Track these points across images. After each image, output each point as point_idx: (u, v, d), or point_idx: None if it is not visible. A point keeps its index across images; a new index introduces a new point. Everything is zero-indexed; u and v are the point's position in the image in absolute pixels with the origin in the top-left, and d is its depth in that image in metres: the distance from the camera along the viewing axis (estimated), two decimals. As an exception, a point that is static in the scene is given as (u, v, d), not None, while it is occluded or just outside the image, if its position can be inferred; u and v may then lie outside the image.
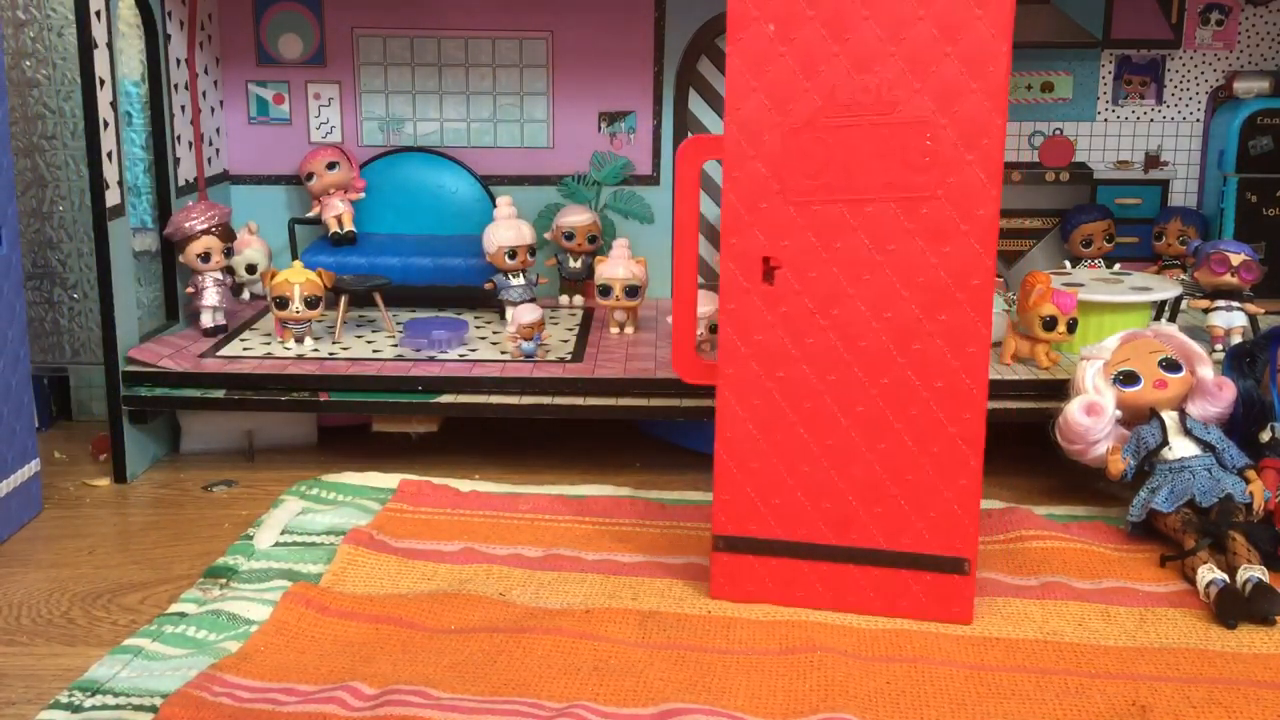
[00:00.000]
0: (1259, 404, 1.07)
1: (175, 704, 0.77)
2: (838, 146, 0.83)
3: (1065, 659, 0.85)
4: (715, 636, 0.88)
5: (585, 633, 0.87)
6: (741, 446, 0.89)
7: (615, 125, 1.54)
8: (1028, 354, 1.22)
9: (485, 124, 1.54)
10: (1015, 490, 1.18)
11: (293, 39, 1.52)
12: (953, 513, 0.87)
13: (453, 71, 1.53)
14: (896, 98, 0.82)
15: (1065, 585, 0.95)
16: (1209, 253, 1.29)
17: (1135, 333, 1.12)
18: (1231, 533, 0.95)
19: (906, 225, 0.84)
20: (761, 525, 0.90)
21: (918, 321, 0.85)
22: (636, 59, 1.51)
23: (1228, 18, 1.53)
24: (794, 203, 0.85)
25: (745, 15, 0.83)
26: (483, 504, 1.13)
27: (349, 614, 0.90)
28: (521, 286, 1.36)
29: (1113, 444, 1.07)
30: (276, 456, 1.30)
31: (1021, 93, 1.55)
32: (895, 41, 0.81)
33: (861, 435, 0.88)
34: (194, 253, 1.30)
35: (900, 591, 0.90)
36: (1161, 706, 0.78)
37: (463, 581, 0.96)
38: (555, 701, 0.78)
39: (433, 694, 0.79)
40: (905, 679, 0.82)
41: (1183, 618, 0.91)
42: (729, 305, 0.87)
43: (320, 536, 1.06)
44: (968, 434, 0.86)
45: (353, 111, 1.54)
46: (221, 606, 0.92)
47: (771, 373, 0.88)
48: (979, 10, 0.80)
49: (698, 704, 0.78)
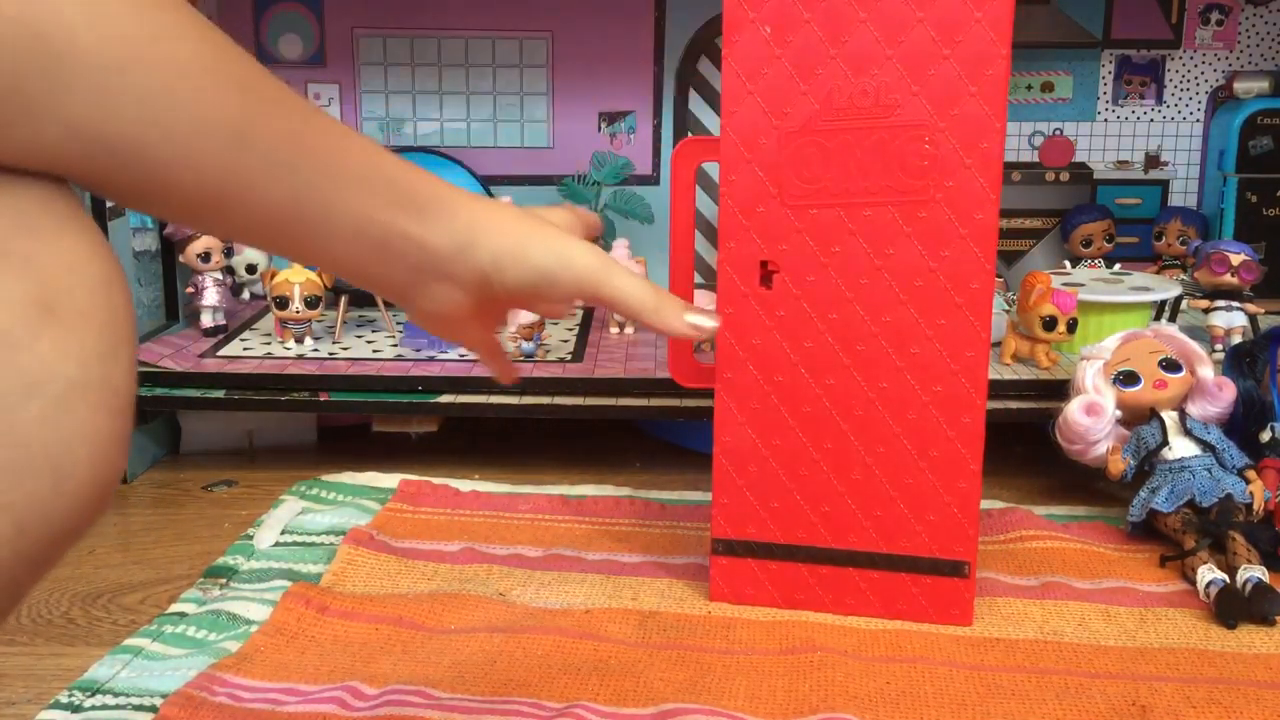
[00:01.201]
0: (1259, 404, 1.07)
1: (175, 704, 0.77)
2: (835, 150, 0.83)
3: (1065, 659, 0.85)
4: (715, 637, 0.88)
5: (585, 633, 0.87)
6: (740, 450, 0.89)
7: (615, 125, 1.54)
8: (1027, 354, 1.22)
9: (485, 124, 1.54)
10: (1015, 490, 1.18)
11: (293, 39, 1.52)
12: (952, 516, 0.88)
13: (453, 72, 1.53)
14: (894, 101, 0.82)
15: (1065, 585, 0.95)
16: (1209, 253, 1.29)
17: (1135, 333, 1.12)
18: (1231, 533, 0.95)
19: (905, 229, 0.84)
20: (760, 529, 0.90)
21: (916, 325, 0.85)
22: (636, 59, 1.52)
23: (1228, 18, 1.53)
24: (791, 207, 0.85)
25: (740, 18, 0.83)
26: (483, 504, 1.13)
27: (349, 614, 0.90)
28: (521, 286, 1.36)
29: (1113, 444, 1.07)
30: (276, 456, 1.30)
31: (1021, 93, 1.55)
32: (893, 44, 0.81)
33: (860, 439, 0.88)
34: (194, 252, 1.31)
35: (900, 594, 0.90)
36: (1161, 706, 0.78)
37: (463, 581, 0.96)
38: (555, 701, 0.78)
39: (433, 694, 0.79)
40: (905, 679, 0.82)
41: (1183, 618, 0.91)
42: (726, 309, 0.87)
43: (320, 536, 1.06)
44: (967, 437, 0.86)
45: (353, 111, 1.54)
46: (221, 606, 0.92)
47: (770, 377, 0.88)
48: (978, 13, 0.80)
49: (698, 704, 0.78)
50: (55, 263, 0.40)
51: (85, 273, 0.40)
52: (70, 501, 0.40)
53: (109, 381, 0.41)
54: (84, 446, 0.40)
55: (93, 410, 0.40)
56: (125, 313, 0.42)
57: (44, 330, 0.39)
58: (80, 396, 0.40)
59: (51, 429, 0.39)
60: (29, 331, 0.38)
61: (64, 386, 0.39)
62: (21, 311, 0.38)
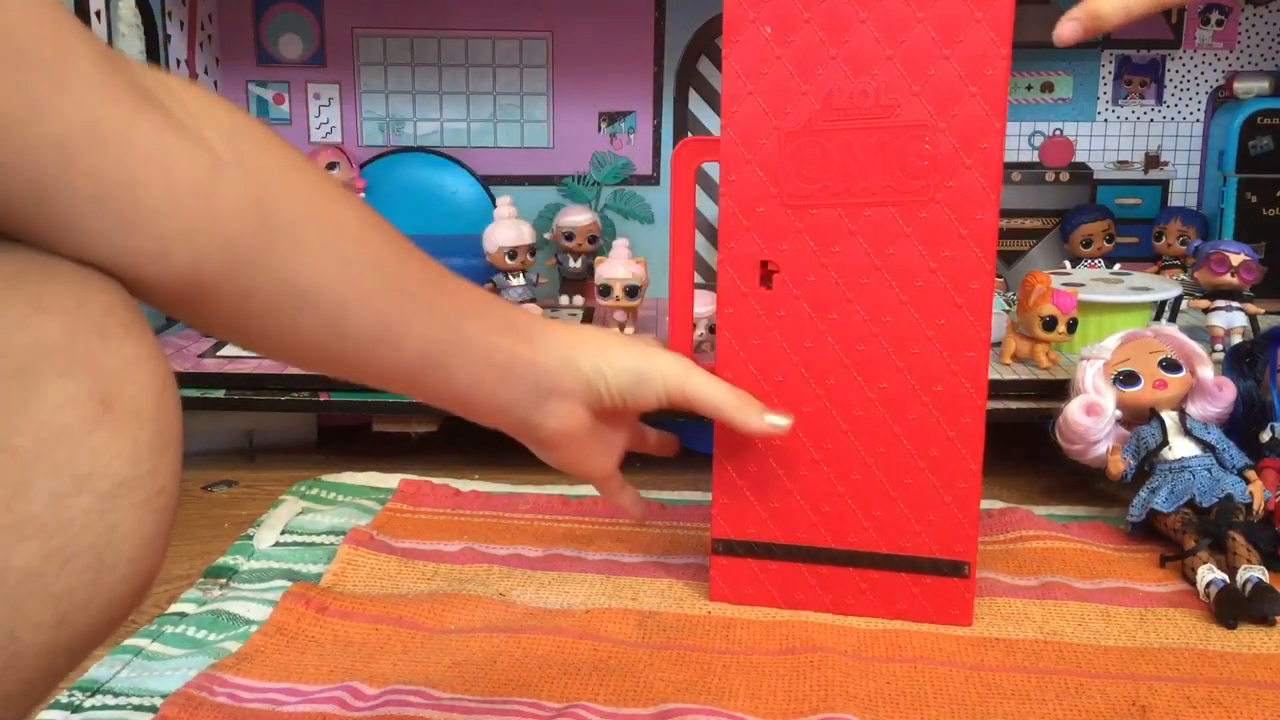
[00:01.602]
0: (1259, 404, 1.07)
1: (175, 704, 0.77)
2: (835, 150, 0.83)
3: (1065, 659, 0.85)
4: (715, 637, 0.88)
5: (585, 633, 0.87)
6: (739, 451, 0.89)
7: (615, 125, 1.54)
8: (1027, 354, 1.22)
9: (485, 124, 1.54)
10: (1015, 490, 1.18)
11: (293, 39, 1.52)
12: (952, 516, 0.88)
13: (453, 72, 1.53)
14: (894, 101, 0.82)
15: (1065, 585, 0.95)
16: (1209, 253, 1.29)
17: (1135, 333, 1.12)
18: (1231, 533, 0.95)
19: (905, 229, 0.84)
20: (760, 529, 0.90)
21: (916, 326, 0.85)
22: (636, 59, 1.52)
23: (1228, 18, 1.53)
24: (791, 207, 0.85)
25: (741, 18, 0.83)
26: (483, 504, 1.13)
27: (349, 614, 0.90)
28: (521, 287, 1.36)
29: (1113, 444, 1.07)
30: (276, 456, 1.30)
31: (1021, 93, 1.55)
32: (893, 44, 0.81)
33: (860, 439, 0.88)
34: (194, 253, 1.30)
35: (900, 594, 0.90)
36: (1161, 706, 0.78)
37: (463, 581, 0.96)
38: (555, 701, 0.78)
39: (433, 694, 0.79)
40: (905, 679, 0.82)
41: (1183, 618, 0.91)
42: (726, 310, 0.88)
43: (320, 536, 1.06)
44: (967, 437, 0.86)
45: (353, 111, 1.54)
46: (221, 606, 0.92)
47: (769, 377, 0.88)
48: (978, 13, 0.80)
49: (698, 704, 0.78)
50: (115, 364, 0.42)
51: (141, 375, 0.43)
52: (109, 596, 0.42)
53: (156, 480, 0.43)
54: (127, 542, 0.42)
55: (139, 507, 0.42)
56: (175, 416, 0.44)
57: (99, 426, 0.41)
58: (128, 493, 0.41)
59: (98, 521, 0.41)
60: (85, 426, 0.40)
61: (114, 482, 0.41)
62: (80, 407, 0.40)
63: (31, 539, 0.39)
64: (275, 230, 0.51)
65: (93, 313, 0.42)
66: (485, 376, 0.68)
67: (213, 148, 0.48)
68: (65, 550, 0.40)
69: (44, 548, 0.39)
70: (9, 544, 0.39)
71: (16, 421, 0.39)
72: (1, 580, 0.38)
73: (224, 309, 0.51)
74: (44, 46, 0.40)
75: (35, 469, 0.39)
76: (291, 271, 0.53)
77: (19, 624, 0.39)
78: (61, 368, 0.40)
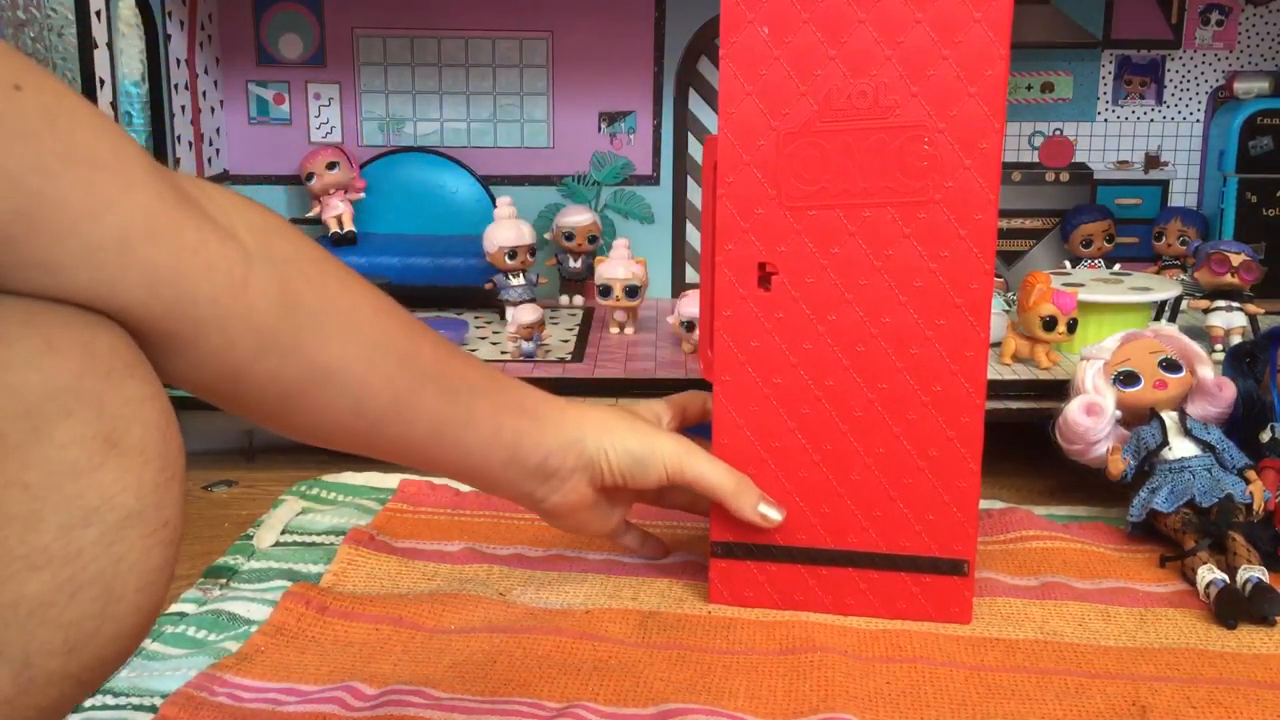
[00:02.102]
0: (1259, 404, 1.07)
1: (175, 704, 0.77)
2: (834, 151, 0.83)
3: (1065, 659, 0.85)
4: (715, 637, 0.88)
5: (585, 633, 0.87)
6: (739, 452, 0.89)
7: (615, 125, 1.54)
8: (1027, 354, 1.22)
9: (485, 124, 1.54)
10: (1015, 490, 1.18)
11: (293, 39, 1.52)
12: (951, 515, 0.88)
13: (453, 72, 1.53)
14: (893, 101, 0.82)
15: (1065, 585, 0.95)
16: (1209, 253, 1.29)
17: (1135, 333, 1.12)
18: (1231, 533, 0.95)
19: (904, 230, 0.84)
20: (759, 530, 0.90)
21: (915, 326, 0.85)
22: (636, 59, 1.52)
23: (1228, 18, 1.53)
24: (790, 208, 0.85)
25: (738, 18, 0.83)
26: (483, 504, 1.13)
27: (349, 614, 0.90)
28: (521, 286, 1.36)
29: (1113, 444, 1.07)
30: (276, 456, 1.30)
31: (1021, 93, 1.55)
32: (892, 44, 0.81)
33: (859, 440, 0.88)
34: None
35: (899, 594, 0.90)
36: (1161, 706, 0.78)
37: (463, 582, 0.96)
38: (555, 701, 0.78)
39: (433, 694, 0.79)
40: (905, 679, 0.82)
41: (1183, 618, 0.91)
42: (725, 311, 0.87)
43: (320, 536, 1.06)
44: (966, 438, 0.86)
45: (353, 111, 1.54)
46: (221, 606, 0.92)
47: (768, 379, 0.88)
48: (977, 13, 0.80)
49: (698, 704, 0.78)
50: (121, 403, 0.44)
51: (145, 414, 0.45)
52: (117, 626, 0.44)
53: (161, 514, 0.45)
54: (133, 573, 0.44)
55: (145, 539, 0.44)
56: (179, 451, 0.47)
57: (106, 462, 0.43)
58: (134, 526, 0.44)
59: (106, 553, 0.43)
60: (92, 463, 0.42)
61: (121, 516, 0.43)
62: (88, 444, 0.42)
63: (44, 569, 0.41)
64: (299, 316, 0.55)
65: (99, 353, 0.44)
66: (493, 452, 0.73)
67: (244, 242, 0.52)
68: (75, 580, 0.42)
69: (55, 577, 0.41)
70: (23, 573, 0.40)
71: (28, 457, 0.41)
72: (16, 608, 0.40)
73: (252, 390, 0.55)
74: (106, 153, 0.44)
75: (46, 502, 0.41)
76: (315, 354, 0.57)
77: (33, 650, 0.41)
78: (70, 407, 0.42)
